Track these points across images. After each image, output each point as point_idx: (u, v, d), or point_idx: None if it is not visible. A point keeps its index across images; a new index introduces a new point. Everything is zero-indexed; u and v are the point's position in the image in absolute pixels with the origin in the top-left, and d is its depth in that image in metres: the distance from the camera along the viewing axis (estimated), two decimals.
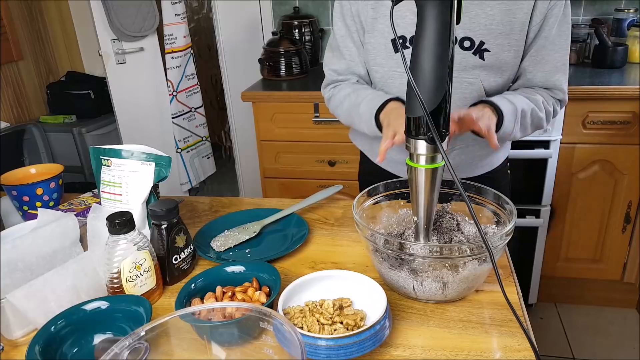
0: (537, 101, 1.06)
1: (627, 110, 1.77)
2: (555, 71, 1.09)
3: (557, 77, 1.09)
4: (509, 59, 1.05)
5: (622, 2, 2.20)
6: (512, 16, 1.01)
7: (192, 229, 1.00)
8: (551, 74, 1.09)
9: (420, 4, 0.67)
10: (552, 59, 1.07)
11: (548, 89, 1.10)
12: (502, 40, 1.03)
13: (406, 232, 0.87)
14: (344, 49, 1.17)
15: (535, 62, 1.07)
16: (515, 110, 1.00)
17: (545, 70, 1.08)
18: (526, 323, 0.72)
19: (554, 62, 1.08)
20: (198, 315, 0.57)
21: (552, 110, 1.10)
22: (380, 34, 1.09)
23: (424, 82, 0.69)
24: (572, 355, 1.93)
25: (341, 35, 1.17)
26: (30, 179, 1.13)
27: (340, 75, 1.21)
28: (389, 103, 1.05)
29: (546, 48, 1.06)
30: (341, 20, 1.15)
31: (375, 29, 1.09)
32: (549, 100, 1.10)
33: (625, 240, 1.97)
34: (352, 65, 1.18)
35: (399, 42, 1.01)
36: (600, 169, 1.88)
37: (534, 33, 1.04)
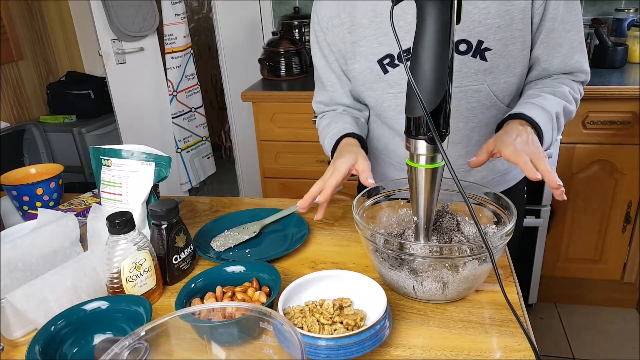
0: (565, 94, 0.96)
1: (627, 110, 1.77)
2: (573, 52, 0.97)
3: (576, 58, 0.98)
4: (516, 53, 0.94)
5: (622, 2, 2.20)
6: (509, 4, 0.90)
7: (192, 229, 1.00)
8: (569, 56, 0.97)
9: (420, 4, 0.67)
10: (567, 40, 0.96)
11: (568, 73, 0.99)
12: (503, 34, 0.92)
13: (406, 232, 0.87)
14: (325, 80, 1.11)
15: (549, 48, 0.96)
16: (551, 118, 0.90)
17: (561, 54, 0.97)
18: (526, 323, 0.72)
19: (569, 42, 0.96)
20: (198, 315, 0.57)
21: (579, 96, 1.00)
22: (363, 57, 1.00)
23: (424, 82, 0.68)
24: (572, 355, 1.93)
25: (321, 66, 1.10)
26: (30, 179, 1.13)
27: (327, 107, 1.15)
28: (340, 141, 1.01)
29: (557, 30, 0.94)
30: (319, 51, 1.08)
31: (357, 54, 1.01)
32: (574, 87, 0.99)
33: (625, 240, 1.98)
34: (335, 96, 1.11)
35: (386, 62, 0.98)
36: (600, 169, 1.88)
37: (539, 17, 0.93)
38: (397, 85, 1.00)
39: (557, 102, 0.94)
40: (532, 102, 0.92)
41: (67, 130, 2.66)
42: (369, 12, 0.97)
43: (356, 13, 0.99)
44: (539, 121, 0.88)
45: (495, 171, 1.07)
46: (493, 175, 1.07)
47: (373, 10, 0.97)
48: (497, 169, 1.07)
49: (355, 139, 1.01)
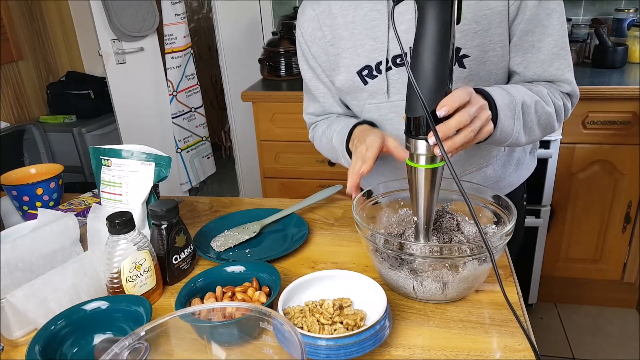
0: (542, 93, 0.89)
1: (627, 110, 1.77)
2: (552, 59, 0.90)
3: (556, 65, 0.90)
4: (497, 59, 0.89)
5: (622, 2, 2.20)
6: (486, 8, 0.86)
7: (192, 229, 1.00)
8: (547, 63, 0.90)
9: (420, 4, 0.67)
10: (545, 44, 0.89)
11: (550, 82, 0.93)
12: (481, 40, 0.87)
13: (406, 232, 0.87)
14: (315, 91, 1.10)
15: (523, 51, 0.89)
16: (513, 102, 0.82)
17: (539, 60, 0.89)
18: (526, 323, 0.72)
19: (547, 47, 0.89)
20: (198, 315, 0.57)
21: (562, 104, 0.91)
22: (345, 69, 0.98)
23: (425, 82, 0.68)
24: (572, 355, 1.93)
25: (309, 78, 1.09)
26: (30, 179, 1.13)
27: (319, 117, 1.14)
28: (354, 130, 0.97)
29: (533, 32, 0.87)
30: (306, 64, 1.07)
31: (340, 65, 0.99)
32: (555, 93, 0.91)
33: (625, 240, 1.98)
34: (327, 106, 1.10)
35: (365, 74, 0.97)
36: (600, 169, 1.88)
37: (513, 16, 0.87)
38: (377, 96, 0.98)
39: (527, 94, 0.86)
40: (498, 85, 0.87)
41: (67, 130, 2.66)
42: (348, 23, 0.96)
43: (336, 26, 0.97)
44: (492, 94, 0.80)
45: (487, 179, 1.04)
46: (485, 182, 1.04)
47: (352, 22, 0.95)
48: (489, 176, 1.04)
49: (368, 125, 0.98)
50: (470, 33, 0.87)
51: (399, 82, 0.94)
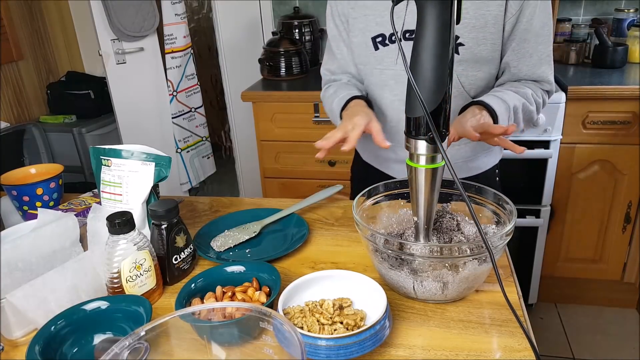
0: (527, 95, 1.06)
1: (627, 110, 1.77)
2: (540, 64, 1.08)
3: (543, 69, 1.08)
4: (485, 53, 1.04)
5: (622, 2, 2.20)
6: (485, 9, 1.00)
7: (192, 229, 1.00)
8: (536, 66, 1.08)
9: (420, 4, 0.67)
10: (537, 52, 1.06)
11: (535, 81, 1.10)
12: (476, 34, 1.01)
13: (406, 232, 0.87)
14: (336, 49, 1.19)
15: (519, 56, 1.06)
16: (508, 108, 0.99)
17: (530, 64, 1.07)
18: (526, 323, 0.72)
19: (538, 54, 1.06)
20: (198, 315, 0.57)
21: (541, 101, 1.10)
22: (361, 32, 1.10)
23: (424, 82, 0.69)
24: (572, 355, 1.93)
25: (333, 35, 1.19)
26: (30, 179, 1.13)
27: (334, 75, 1.23)
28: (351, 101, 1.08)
29: (529, 41, 1.04)
30: (332, 21, 1.17)
31: (356, 28, 1.11)
32: (538, 92, 1.09)
33: (625, 240, 1.97)
34: (344, 64, 1.20)
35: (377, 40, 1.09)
36: (600, 169, 1.88)
37: (511, 25, 1.02)
38: (384, 62, 1.10)
39: (517, 98, 1.03)
40: (492, 94, 1.03)
41: (67, 130, 2.66)
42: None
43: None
44: (494, 107, 0.96)
45: (458, 157, 1.16)
46: (454, 160, 1.15)
47: None
48: (460, 155, 1.16)
49: (364, 102, 1.09)
50: (469, 26, 1.01)
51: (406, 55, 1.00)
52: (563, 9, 2.26)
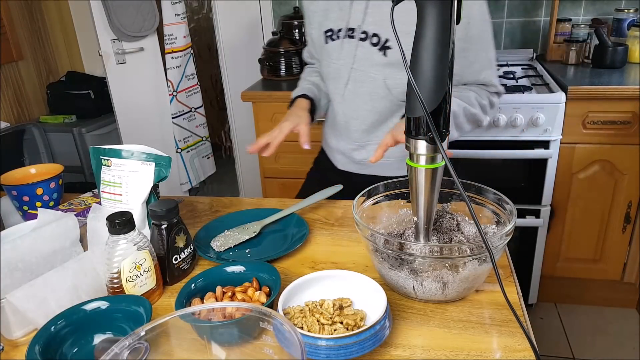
0: (470, 98, 1.12)
1: (627, 110, 1.77)
2: (482, 69, 1.14)
3: (485, 74, 1.14)
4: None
5: (622, 2, 2.20)
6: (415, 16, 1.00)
7: (192, 229, 1.00)
8: (479, 72, 1.14)
9: (420, 4, 0.67)
10: (478, 59, 1.12)
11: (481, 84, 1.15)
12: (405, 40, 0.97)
13: (406, 232, 0.87)
14: (308, 35, 1.32)
15: (461, 64, 1.11)
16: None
17: (473, 71, 1.13)
18: (526, 323, 0.72)
19: (480, 61, 1.12)
20: (198, 315, 0.57)
21: (487, 103, 1.15)
22: (317, 25, 1.23)
23: (424, 82, 0.69)
24: (572, 355, 1.93)
25: (306, 23, 1.31)
26: (30, 179, 1.13)
27: (310, 59, 1.39)
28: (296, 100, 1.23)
29: (469, 50, 1.09)
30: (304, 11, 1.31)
31: (315, 21, 1.23)
32: (483, 95, 1.15)
33: (625, 240, 1.97)
34: (312, 51, 1.35)
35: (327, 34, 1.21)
36: (600, 169, 1.88)
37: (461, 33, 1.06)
38: (331, 56, 1.22)
39: (457, 103, 1.08)
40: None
41: (67, 130, 2.66)
42: None
43: None
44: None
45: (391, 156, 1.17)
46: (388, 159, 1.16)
47: None
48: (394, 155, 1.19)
49: (308, 102, 1.24)
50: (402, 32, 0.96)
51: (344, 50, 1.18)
52: (563, 9, 2.26)
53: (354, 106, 1.22)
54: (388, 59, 1.11)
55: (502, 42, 2.40)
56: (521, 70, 2.17)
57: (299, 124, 1.13)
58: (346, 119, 1.25)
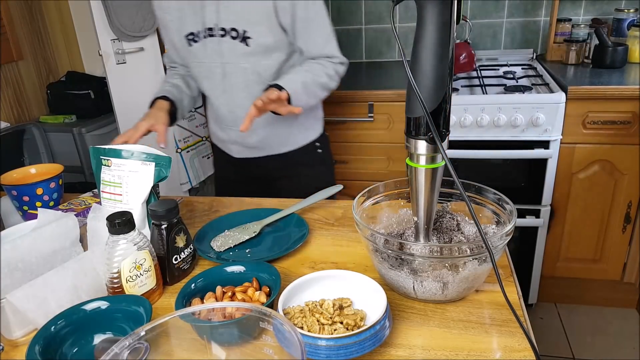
0: (316, 70, 1.29)
1: (627, 110, 1.77)
2: (325, 44, 1.30)
3: (329, 47, 1.30)
4: (270, 43, 1.25)
5: (622, 2, 2.20)
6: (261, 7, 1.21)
7: (192, 229, 1.00)
8: (322, 46, 1.29)
9: (420, 4, 0.67)
10: (319, 35, 1.28)
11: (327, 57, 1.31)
12: (259, 28, 1.23)
13: (406, 232, 0.87)
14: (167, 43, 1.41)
15: (306, 41, 1.28)
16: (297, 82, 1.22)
17: (317, 46, 1.29)
18: (526, 323, 0.72)
19: (321, 37, 1.28)
20: (198, 315, 0.57)
21: (333, 72, 1.32)
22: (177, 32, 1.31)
23: (424, 82, 0.68)
24: (572, 355, 1.93)
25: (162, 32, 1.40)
26: (30, 179, 1.13)
27: (170, 63, 1.50)
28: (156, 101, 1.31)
29: (309, 29, 1.26)
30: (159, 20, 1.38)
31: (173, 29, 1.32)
32: (328, 65, 1.31)
33: (625, 240, 1.97)
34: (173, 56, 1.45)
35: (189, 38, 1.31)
36: (600, 169, 1.87)
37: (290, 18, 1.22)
38: (198, 57, 1.32)
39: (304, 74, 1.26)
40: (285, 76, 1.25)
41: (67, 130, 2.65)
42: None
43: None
44: (281, 83, 1.19)
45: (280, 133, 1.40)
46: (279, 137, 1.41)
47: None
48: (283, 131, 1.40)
49: (168, 103, 1.32)
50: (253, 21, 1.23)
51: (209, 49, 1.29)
52: (563, 9, 2.26)
53: (234, 97, 1.34)
54: (251, 49, 1.25)
55: (502, 42, 2.40)
56: (521, 70, 2.17)
57: (155, 124, 1.22)
58: (229, 109, 1.37)
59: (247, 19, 1.22)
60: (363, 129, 2.03)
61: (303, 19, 1.24)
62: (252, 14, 1.22)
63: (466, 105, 1.85)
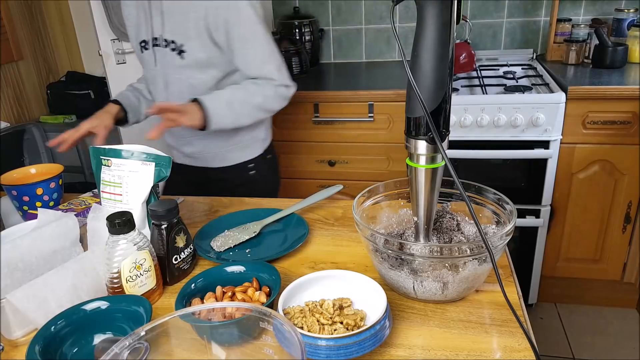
0: (250, 89, 1.29)
1: (627, 110, 1.77)
2: (263, 64, 1.30)
3: (268, 68, 1.30)
4: (204, 59, 1.28)
5: (622, 2, 2.20)
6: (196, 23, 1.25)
7: (192, 229, 1.00)
8: (258, 67, 1.30)
9: (420, 4, 0.67)
10: (255, 55, 1.29)
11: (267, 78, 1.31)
12: (193, 43, 1.27)
13: (406, 232, 0.87)
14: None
15: (242, 61, 1.29)
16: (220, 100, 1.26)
17: (254, 65, 1.30)
18: (526, 323, 0.72)
19: (258, 57, 1.29)
20: (198, 315, 0.57)
21: (272, 94, 1.32)
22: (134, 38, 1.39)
23: (424, 82, 0.68)
24: (572, 355, 1.93)
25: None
26: (30, 179, 1.13)
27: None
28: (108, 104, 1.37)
29: (245, 48, 1.27)
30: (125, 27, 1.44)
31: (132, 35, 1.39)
32: (267, 86, 1.31)
33: (625, 240, 1.97)
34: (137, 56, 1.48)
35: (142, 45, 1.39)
36: (600, 169, 1.88)
37: (225, 36, 1.25)
38: (146, 64, 1.40)
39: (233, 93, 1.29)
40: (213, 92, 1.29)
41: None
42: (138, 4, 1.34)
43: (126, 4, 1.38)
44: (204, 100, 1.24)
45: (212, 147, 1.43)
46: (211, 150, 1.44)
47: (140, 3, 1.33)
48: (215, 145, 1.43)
49: (118, 107, 1.37)
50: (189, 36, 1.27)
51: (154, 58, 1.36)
52: (563, 9, 2.26)
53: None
54: (185, 61, 1.29)
55: (502, 42, 2.40)
56: (521, 70, 2.17)
57: (98, 126, 1.27)
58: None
59: (183, 33, 1.27)
60: (363, 129, 2.03)
61: (238, 39, 1.26)
62: (188, 29, 1.26)
63: (466, 105, 1.85)
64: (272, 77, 1.32)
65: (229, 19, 1.24)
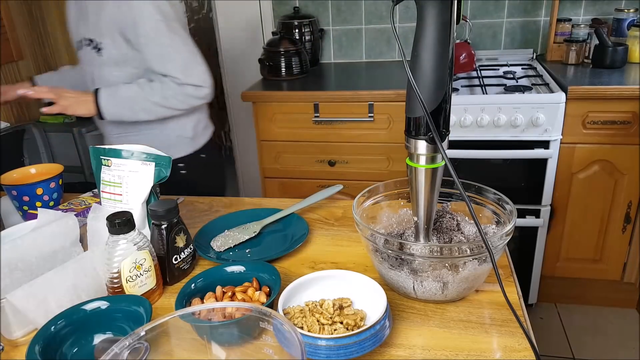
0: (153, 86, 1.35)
1: (627, 110, 1.77)
2: (166, 62, 1.33)
3: (169, 67, 1.34)
4: (118, 56, 1.34)
5: (622, 2, 2.20)
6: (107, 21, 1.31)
7: (192, 229, 1.00)
8: (162, 65, 1.34)
9: (420, 4, 0.67)
10: (157, 53, 1.32)
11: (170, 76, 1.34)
12: (107, 41, 1.33)
13: (406, 232, 0.87)
14: None
15: (148, 59, 1.34)
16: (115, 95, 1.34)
17: (157, 63, 1.34)
18: (526, 323, 0.72)
19: (160, 55, 1.33)
20: (198, 315, 0.57)
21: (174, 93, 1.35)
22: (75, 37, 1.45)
23: (424, 82, 0.68)
24: (572, 355, 1.93)
25: None
26: (30, 179, 1.13)
27: None
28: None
29: (149, 46, 1.32)
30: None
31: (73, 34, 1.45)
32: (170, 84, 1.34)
33: (625, 240, 1.97)
34: None
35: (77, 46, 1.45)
36: (600, 169, 1.88)
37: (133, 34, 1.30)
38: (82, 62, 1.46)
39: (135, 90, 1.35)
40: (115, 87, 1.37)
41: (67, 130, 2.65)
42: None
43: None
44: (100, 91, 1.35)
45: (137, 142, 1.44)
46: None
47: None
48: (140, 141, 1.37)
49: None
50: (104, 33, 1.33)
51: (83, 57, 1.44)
52: (563, 9, 2.26)
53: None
54: (104, 59, 1.35)
55: (502, 42, 2.40)
56: (521, 70, 2.17)
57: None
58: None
59: (99, 32, 1.34)
60: (363, 129, 2.03)
61: (143, 36, 1.31)
62: (102, 27, 1.33)
63: (466, 105, 1.85)
64: (175, 76, 1.34)
65: (134, 17, 1.29)
